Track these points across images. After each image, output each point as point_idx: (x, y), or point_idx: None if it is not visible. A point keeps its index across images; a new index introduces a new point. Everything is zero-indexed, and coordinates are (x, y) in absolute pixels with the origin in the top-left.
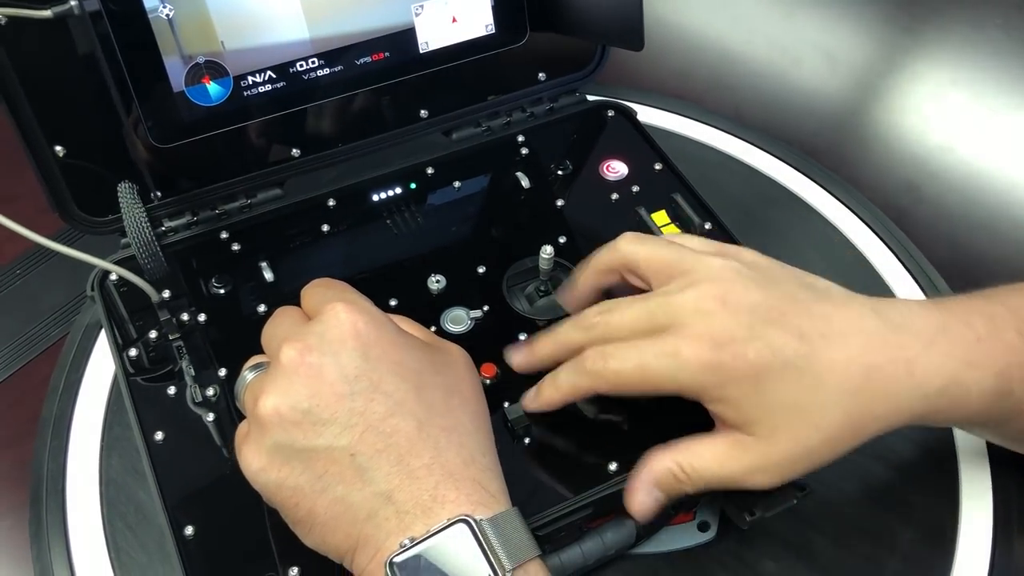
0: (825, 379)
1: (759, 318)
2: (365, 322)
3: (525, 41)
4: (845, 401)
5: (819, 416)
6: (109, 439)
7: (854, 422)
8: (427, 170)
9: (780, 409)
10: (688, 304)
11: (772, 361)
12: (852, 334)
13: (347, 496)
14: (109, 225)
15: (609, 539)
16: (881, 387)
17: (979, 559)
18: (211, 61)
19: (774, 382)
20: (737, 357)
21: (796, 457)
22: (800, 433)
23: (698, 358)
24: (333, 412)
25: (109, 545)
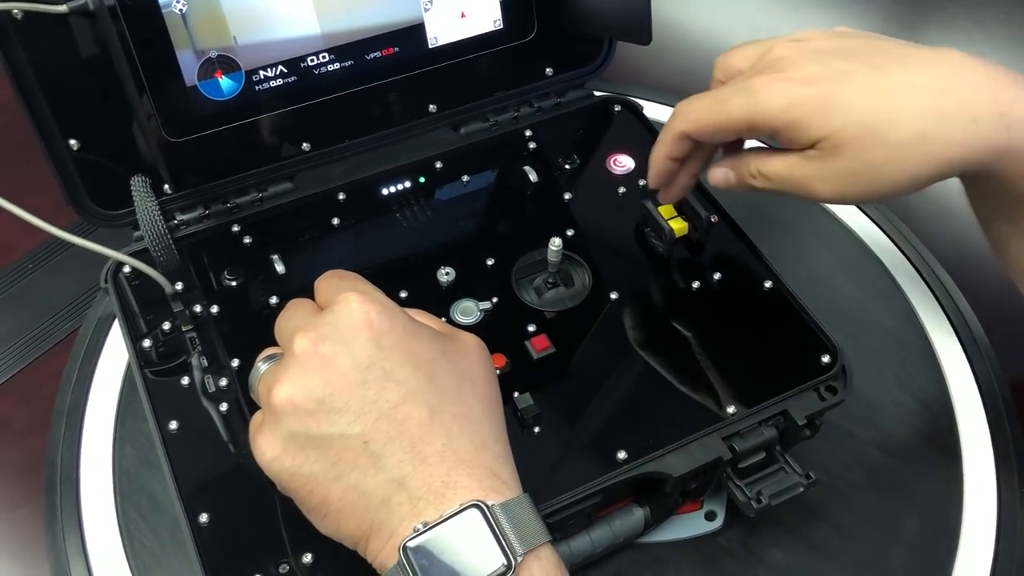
0: (898, 96)
1: (836, 55)
2: (378, 311)
3: (533, 36)
4: (919, 118)
5: (887, 129)
6: (122, 430)
7: (927, 141)
8: (436, 164)
9: (848, 126)
10: (771, 56)
11: (843, 84)
12: (935, 63)
13: (361, 483)
14: (122, 218)
15: (618, 527)
16: (959, 109)
17: (983, 546)
18: (223, 56)
19: (844, 102)
20: (807, 83)
21: (860, 171)
22: (867, 147)
23: (768, 86)
24: (346, 400)
25: (123, 533)
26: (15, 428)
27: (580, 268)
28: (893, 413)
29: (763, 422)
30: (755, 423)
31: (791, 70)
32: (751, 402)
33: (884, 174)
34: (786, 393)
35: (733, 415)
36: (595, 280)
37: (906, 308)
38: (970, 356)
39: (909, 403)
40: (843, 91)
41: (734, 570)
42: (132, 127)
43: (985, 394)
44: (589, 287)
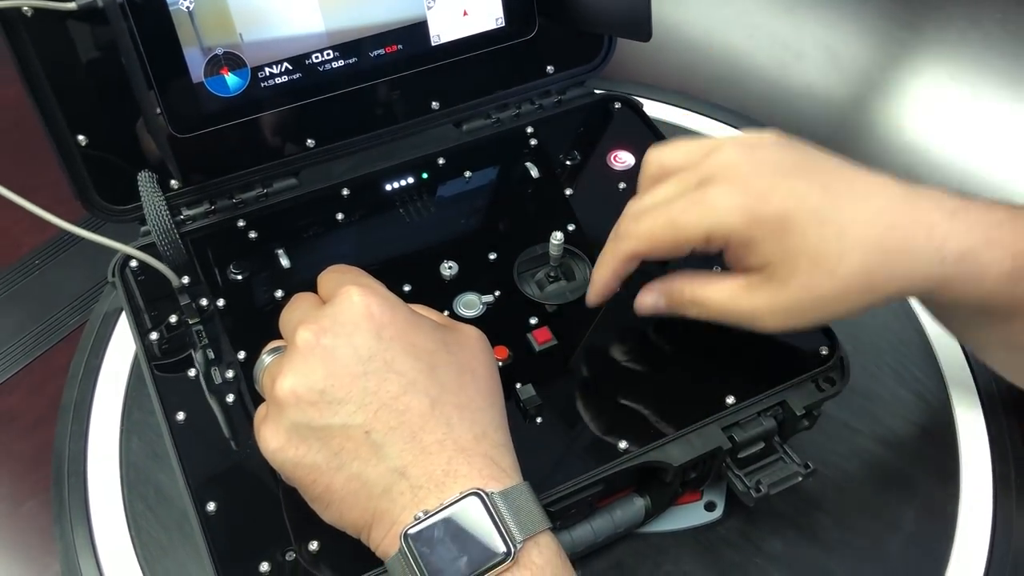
0: (847, 230)
1: (784, 171)
2: (378, 304)
3: (534, 35)
4: (863, 254)
5: (836, 264)
6: (129, 423)
7: (870, 276)
8: (439, 160)
9: (799, 255)
10: (717, 162)
11: (798, 207)
12: (876, 195)
13: (363, 472)
14: (129, 213)
15: (618, 517)
16: (900, 245)
17: (979, 536)
18: (229, 53)
19: (798, 228)
20: (762, 201)
21: (806, 304)
22: (814, 281)
23: (725, 201)
24: (348, 391)
25: (130, 524)
26: (23, 421)
27: (581, 262)
28: (891, 407)
29: (762, 412)
30: (754, 413)
31: (745, 182)
32: (750, 393)
33: (829, 306)
34: (785, 384)
35: (732, 406)
36: None
37: (903, 304)
38: (966, 349)
39: (907, 397)
40: (798, 215)
41: (733, 560)
42: (139, 123)
43: (981, 388)
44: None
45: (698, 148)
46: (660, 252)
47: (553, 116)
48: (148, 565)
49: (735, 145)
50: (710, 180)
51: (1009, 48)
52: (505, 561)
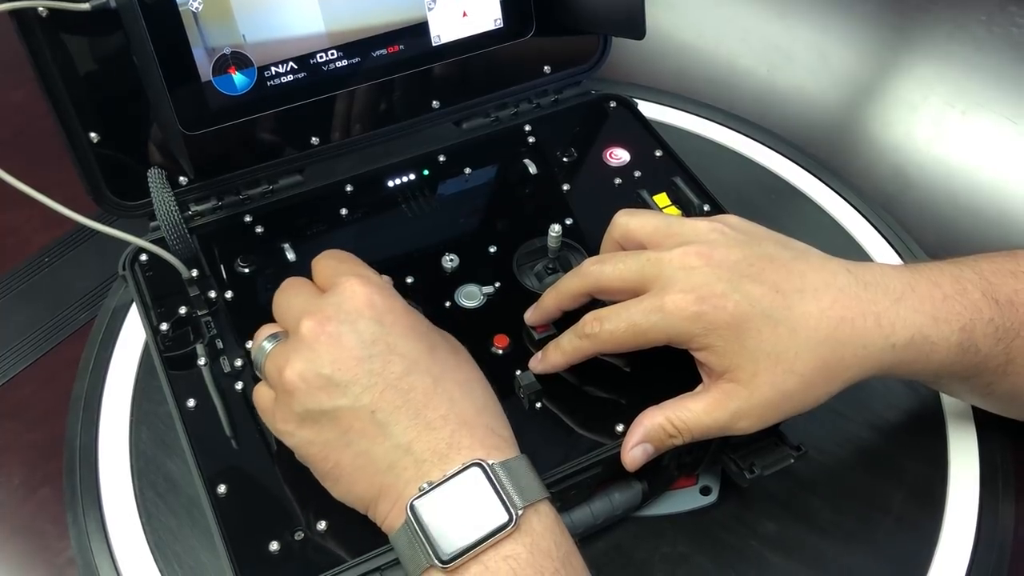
0: (799, 329)
1: (739, 274)
2: (378, 293)
3: (532, 35)
4: (818, 348)
5: (794, 362)
6: (138, 414)
7: (827, 368)
8: (439, 158)
9: (759, 356)
10: (675, 261)
11: (751, 312)
12: (825, 289)
13: (370, 449)
14: (140, 209)
15: (617, 500)
16: (851, 337)
17: (966, 518)
18: (237, 52)
19: (753, 331)
20: (718, 308)
21: (775, 401)
22: (777, 378)
23: (682, 311)
24: (354, 375)
25: (140, 511)
26: (35, 413)
27: (579, 254)
28: (882, 395)
29: None
30: None
31: (701, 289)
32: None
33: (797, 399)
34: None
35: None
36: None
37: None
38: None
39: (897, 385)
40: (752, 319)
41: (728, 542)
42: (149, 121)
43: None
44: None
45: (665, 228)
46: (622, 350)
47: (550, 115)
48: (159, 550)
49: (694, 242)
50: (668, 286)
51: (994, 50)
52: (507, 527)
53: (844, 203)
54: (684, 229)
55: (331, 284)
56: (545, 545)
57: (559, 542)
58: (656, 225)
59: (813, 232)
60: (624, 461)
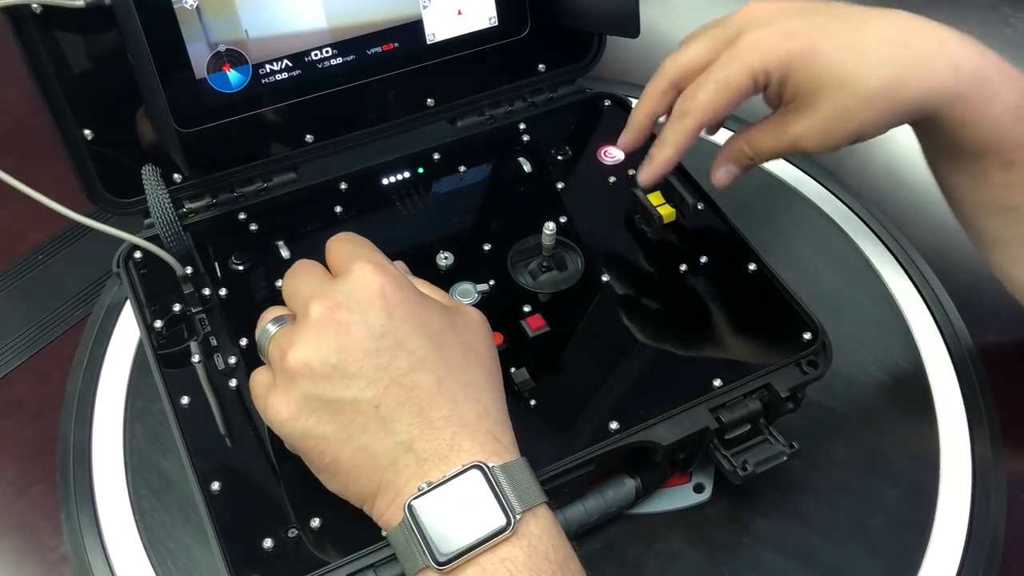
0: (865, 50)
1: (807, 12)
2: (391, 284)
3: (526, 34)
4: (881, 68)
5: (858, 84)
6: (132, 411)
7: (889, 90)
8: (434, 156)
9: (824, 81)
10: (743, 16)
11: (821, 38)
12: (891, 17)
13: (370, 445)
14: (134, 206)
15: (610, 497)
16: (915, 60)
17: (958, 516)
18: (231, 50)
19: (822, 55)
20: (790, 37)
21: (836, 120)
22: (840, 100)
23: (757, 46)
24: (360, 366)
25: (134, 508)
26: (29, 410)
27: (573, 252)
28: (872, 391)
29: (748, 395)
30: (740, 396)
31: (772, 26)
32: (736, 376)
33: (857, 121)
34: (769, 367)
35: (719, 388)
36: (587, 264)
37: (884, 293)
38: (945, 337)
39: (888, 381)
40: (821, 45)
41: (722, 539)
42: (144, 118)
43: (960, 373)
44: (582, 270)
45: (714, 31)
46: (719, 114)
47: (544, 113)
48: (152, 547)
49: (755, 3)
50: (740, 32)
51: None
52: (505, 530)
53: (838, 201)
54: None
55: (344, 269)
56: (542, 548)
57: (556, 545)
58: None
59: (807, 230)
60: (715, 181)
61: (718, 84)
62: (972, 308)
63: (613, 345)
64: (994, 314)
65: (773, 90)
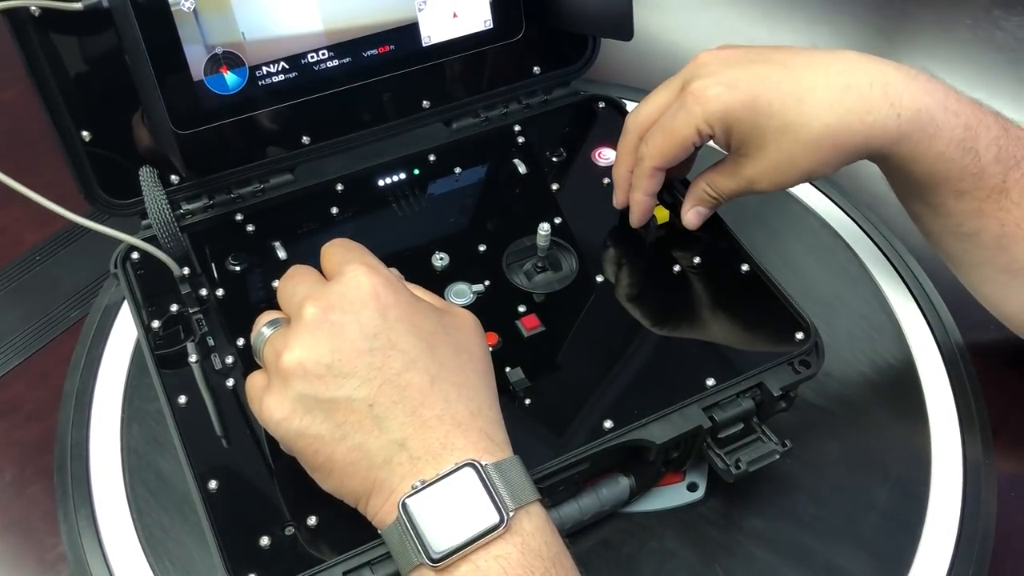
0: (807, 98)
1: (749, 60)
2: (384, 285)
3: (521, 36)
4: (824, 115)
5: (801, 130)
6: (129, 411)
7: (833, 135)
8: (429, 157)
9: (768, 130)
10: (692, 66)
11: (762, 86)
12: (833, 62)
13: (364, 444)
14: (131, 207)
15: (604, 495)
16: (857, 104)
17: (950, 513)
18: (228, 52)
19: (764, 104)
20: (734, 88)
21: (784, 165)
22: (785, 146)
23: (700, 98)
24: (354, 366)
25: (131, 507)
26: (26, 410)
27: (568, 253)
28: (865, 391)
29: (741, 394)
30: (733, 395)
31: (718, 74)
32: (730, 375)
33: (803, 164)
34: (762, 367)
35: (713, 387)
36: (582, 264)
37: (876, 293)
38: (936, 337)
39: (879, 381)
40: (764, 94)
41: (714, 537)
42: (141, 119)
43: (951, 373)
44: (576, 271)
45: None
46: (670, 159)
47: (539, 115)
48: (150, 546)
49: (707, 52)
50: (689, 80)
51: (979, 53)
52: (498, 528)
53: (830, 202)
54: (689, 67)
55: (337, 272)
56: (535, 545)
57: (549, 542)
58: (663, 91)
59: (799, 231)
60: (686, 221)
61: (664, 133)
62: (963, 308)
63: (607, 344)
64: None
65: (720, 138)
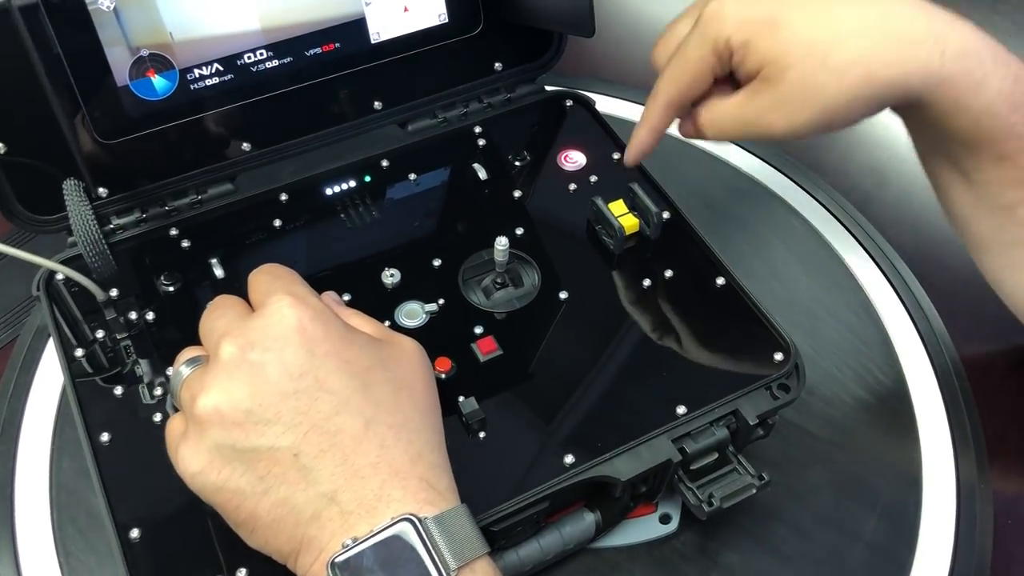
0: (839, 19)
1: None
2: (311, 318)
3: (479, 31)
4: (856, 40)
5: (830, 52)
6: (60, 442)
7: (866, 62)
8: (382, 163)
9: (791, 48)
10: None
11: (787, 6)
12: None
13: (290, 497)
14: (55, 224)
15: (568, 533)
16: (897, 31)
17: (942, 545)
18: (155, 54)
19: (788, 21)
20: (754, 4)
21: (806, 96)
22: (809, 70)
23: (720, 7)
24: (276, 411)
25: (59, 550)
26: None
27: (529, 267)
28: (851, 409)
29: (714, 422)
30: (706, 424)
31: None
32: (702, 402)
33: (827, 95)
34: (737, 392)
35: (683, 416)
36: (544, 279)
37: (864, 301)
38: (929, 349)
39: (867, 399)
40: (787, 12)
41: (689, 574)
42: (62, 129)
43: (944, 388)
44: (538, 287)
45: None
46: (685, 91)
47: (502, 115)
48: None
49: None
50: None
51: None
52: None
53: (816, 203)
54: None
55: (261, 304)
56: None
57: None
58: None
59: (782, 234)
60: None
61: (678, 60)
62: (956, 316)
63: (570, 370)
64: (979, 322)
65: (739, 63)
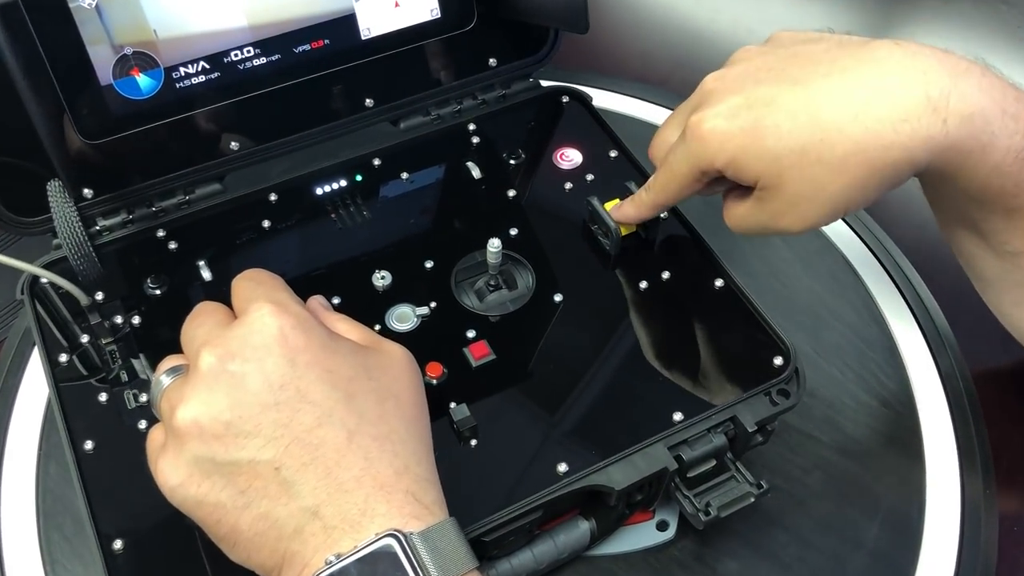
0: (823, 112)
1: (754, 81)
2: (292, 326)
3: (473, 26)
4: (849, 128)
5: (822, 152)
6: (47, 447)
7: (864, 151)
8: (374, 161)
9: (781, 154)
10: (699, 92)
11: (768, 109)
12: (857, 65)
13: (272, 512)
14: (40, 225)
15: (562, 542)
16: (890, 110)
17: (946, 552)
18: (140, 52)
19: (770, 130)
20: (731, 119)
21: (810, 195)
22: (807, 174)
23: (700, 125)
24: (256, 424)
25: (44, 557)
26: None
27: (523, 269)
28: (854, 413)
29: (712, 429)
30: (703, 430)
31: (718, 103)
32: (699, 408)
33: (832, 191)
34: (736, 398)
35: (680, 423)
36: (539, 281)
37: (867, 301)
38: (934, 351)
39: (870, 402)
40: (769, 117)
41: None
42: (46, 130)
43: (949, 391)
44: (532, 289)
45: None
46: (674, 197)
47: (497, 112)
48: None
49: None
50: (692, 111)
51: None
52: None
53: None
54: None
55: (242, 312)
56: None
57: None
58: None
59: None
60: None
61: (667, 171)
62: (961, 316)
63: (563, 375)
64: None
65: (734, 177)
